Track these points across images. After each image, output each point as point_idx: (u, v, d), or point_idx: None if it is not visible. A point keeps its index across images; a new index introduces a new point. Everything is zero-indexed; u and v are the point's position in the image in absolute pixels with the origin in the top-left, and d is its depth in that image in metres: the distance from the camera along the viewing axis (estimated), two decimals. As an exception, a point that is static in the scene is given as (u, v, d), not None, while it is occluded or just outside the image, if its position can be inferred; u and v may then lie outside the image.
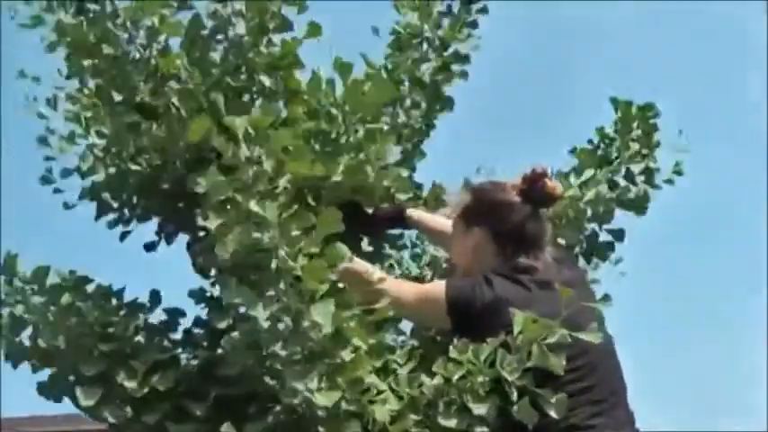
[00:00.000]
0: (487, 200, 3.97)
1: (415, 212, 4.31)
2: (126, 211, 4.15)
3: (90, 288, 3.71)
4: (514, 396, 3.35)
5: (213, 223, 3.14)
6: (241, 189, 3.10)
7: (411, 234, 4.73)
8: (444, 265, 4.61)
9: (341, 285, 3.27)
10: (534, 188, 3.89)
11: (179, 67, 3.73)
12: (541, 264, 3.81)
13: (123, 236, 4.18)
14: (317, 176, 3.66)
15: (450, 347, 3.42)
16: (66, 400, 3.67)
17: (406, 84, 4.49)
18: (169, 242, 4.15)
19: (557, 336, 3.34)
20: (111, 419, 3.55)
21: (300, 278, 3.15)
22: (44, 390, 3.67)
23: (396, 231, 4.52)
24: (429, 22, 4.53)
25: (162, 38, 3.73)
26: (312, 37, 3.86)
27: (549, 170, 3.99)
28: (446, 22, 4.59)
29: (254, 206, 3.06)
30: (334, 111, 3.89)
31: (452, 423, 3.34)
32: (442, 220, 4.29)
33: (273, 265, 3.12)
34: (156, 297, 3.85)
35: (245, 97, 3.84)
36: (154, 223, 4.22)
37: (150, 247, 4.21)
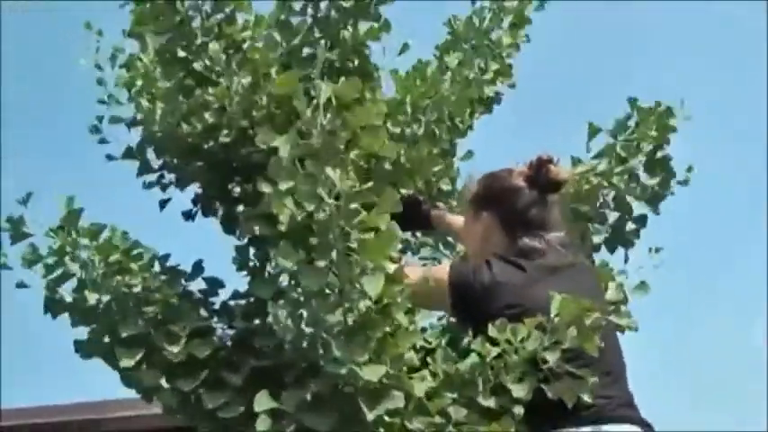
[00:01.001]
0: (495, 186, 4.04)
1: (439, 214, 4.44)
2: (166, 173, 4.17)
3: (137, 250, 3.72)
4: (549, 376, 3.37)
5: (281, 185, 3.13)
6: (312, 154, 3.09)
7: None
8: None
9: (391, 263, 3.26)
10: (539, 174, 3.95)
11: (245, 38, 3.78)
12: (545, 247, 3.86)
13: (162, 204, 4.20)
14: (380, 156, 3.69)
15: (489, 326, 3.43)
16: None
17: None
18: (206, 213, 4.14)
19: (592, 318, 3.36)
20: (146, 383, 3.55)
21: (354, 250, 3.15)
22: (81, 347, 3.67)
23: None
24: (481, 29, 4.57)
25: (229, 9, 3.76)
26: (382, 32, 3.96)
27: (555, 157, 4.04)
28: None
29: (330, 172, 3.05)
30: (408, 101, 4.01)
31: (491, 402, 3.35)
32: (460, 220, 4.37)
33: (330, 235, 3.10)
34: (198, 266, 3.85)
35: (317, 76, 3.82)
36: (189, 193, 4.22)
37: (188, 215, 4.20)
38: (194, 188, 4.14)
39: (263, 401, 3.27)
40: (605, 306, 3.69)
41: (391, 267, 3.21)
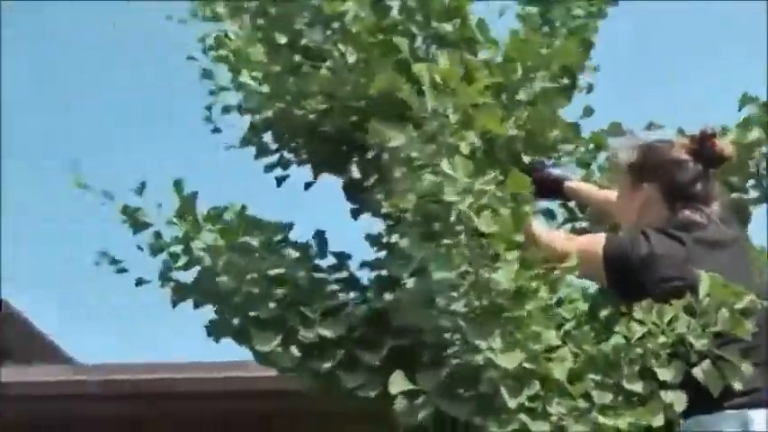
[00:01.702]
0: (659, 157, 3.95)
1: (574, 184, 4.35)
2: (284, 153, 4.12)
3: (261, 230, 3.71)
4: (696, 360, 3.26)
5: (396, 173, 3.12)
6: (426, 142, 3.05)
7: None
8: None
9: (524, 244, 3.20)
10: (704, 148, 3.88)
11: (346, 10, 3.69)
12: (706, 221, 3.77)
13: (279, 181, 4.17)
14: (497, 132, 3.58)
15: (634, 307, 3.32)
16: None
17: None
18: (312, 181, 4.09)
19: (745, 301, 3.22)
20: (282, 365, 3.53)
21: (484, 235, 3.08)
22: (214, 329, 3.67)
23: None
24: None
25: None
26: None
27: (717, 131, 3.98)
28: None
29: (445, 166, 3.01)
30: (511, 64, 3.85)
31: (637, 387, 3.24)
32: (601, 191, 4.32)
33: (453, 218, 3.05)
34: (323, 240, 3.84)
35: (420, 43, 3.79)
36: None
37: (308, 186, 4.15)
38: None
39: (398, 382, 3.23)
40: (762, 288, 3.52)
41: (527, 250, 3.14)
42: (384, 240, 3.80)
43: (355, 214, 4.07)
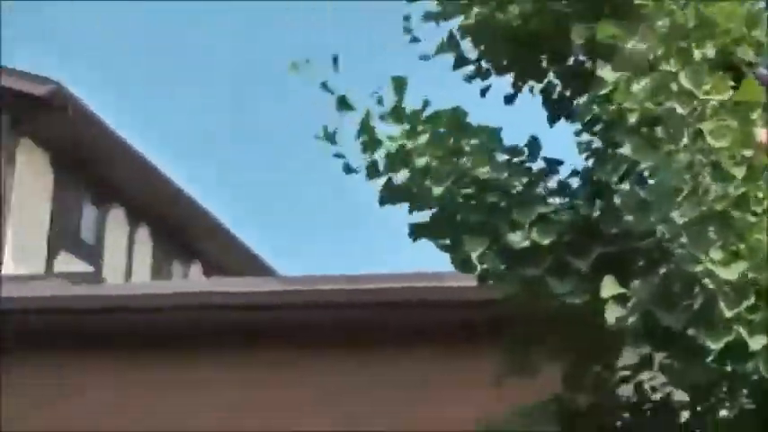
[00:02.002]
0: None
1: None
2: (483, 63, 4.18)
3: (474, 135, 3.74)
4: None
5: (628, 79, 3.07)
6: (654, 45, 3.03)
7: None
8: None
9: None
10: None
11: None
12: None
13: (483, 91, 4.24)
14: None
15: None
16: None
17: None
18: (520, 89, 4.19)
19: None
20: (490, 269, 3.59)
21: (709, 144, 3.06)
22: (418, 230, 3.77)
23: None
24: None
25: None
26: None
27: None
28: None
29: (674, 70, 2.98)
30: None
31: None
32: None
33: (678, 124, 3.02)
34: (535, 145, 3.85)
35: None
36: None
37: (509, 99, 4.23)
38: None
39: (609, 287, 3.23)
40: None
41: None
42: (594, 146, 3.79)
43: (552, 122, 4.10)
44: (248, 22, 24.81)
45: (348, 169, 3.77)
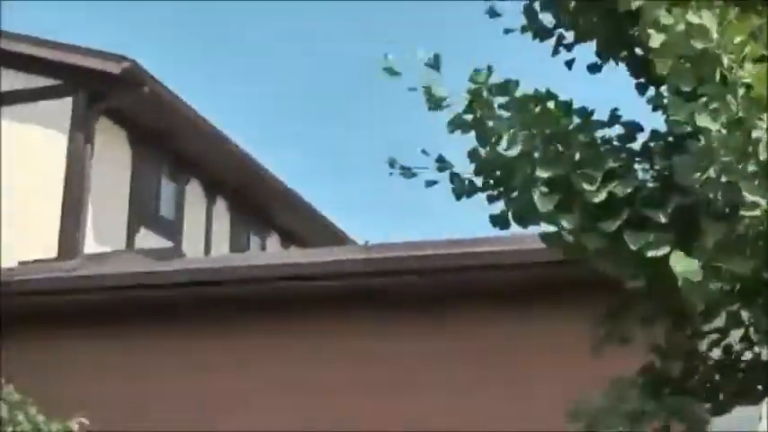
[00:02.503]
0: None
1: None
2: (563, 32, 4.19)
3: (551, 104, 3.73)
4: None
5: (654, 40, 3.08)
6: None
7: None
8: None
9: None
10: None
11: None
12: None
13: (569, 64, 4.23)
14: None
15: None
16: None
17: None
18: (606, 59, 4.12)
19: None
20: (566, 225, 3.59)
21: (750, 86, 3.03)
22: (497, 221, 3.82)
23: None
24: None
25: None
26: None
27: None
28: None
29: (691, 17, 2.97)
30: None
31: None
32: None
33: (718, 75, 3.02)
34: (614, 115, 3.85)
35: None
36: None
37: (594, 68, 4.22)
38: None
39: (679, 260, 3.26)
40: None
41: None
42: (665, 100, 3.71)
43: (642, 90, 4.05)
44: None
45: (430, 183, 3.91)
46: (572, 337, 7.63)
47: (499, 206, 3.81)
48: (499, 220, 3.82)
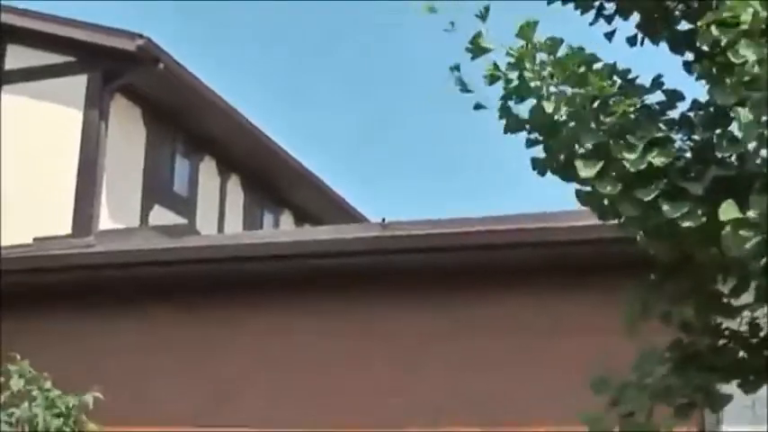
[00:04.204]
0: None
1: None
2: (604, 3, 4.15)
3: (597, 65, 3.72)
4: None
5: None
6: None
7: None
8: None
9: None
10: None
11: None
12: None
13: (610, 35, 4.19)
14: None
15: None
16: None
17: None
18: (652, 38, 4.08)
19: None
20: (605, 193, 3.58)
21: None
22: (539, 163, 3.79)
23: None
24: None
25: None
26: None
27: None
28: None
29: None
30: None
31: None
32: None
33: None
34: (657, 80, 3.83)
35: None
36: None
37: (633, 41, 4.20)
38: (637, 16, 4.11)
39: (728, 210, 3.22)
40: None
41: None
42: (710, 71, 3.70)
43: (687, 67, 4.01)
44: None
45: (478, 106, 3.84)
46: (590, 318, 7.80)
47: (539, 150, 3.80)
48: (539, 165, 3.82)
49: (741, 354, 4.14)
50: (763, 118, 3.21)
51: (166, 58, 12.99)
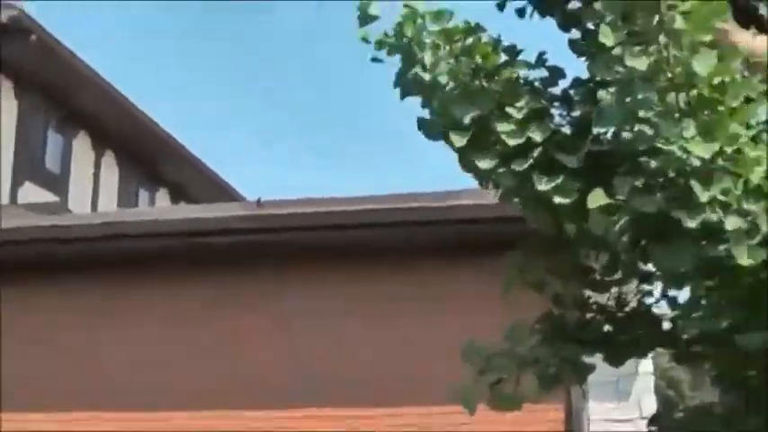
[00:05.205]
0: None
1: None
2: None
3: (483, 37, 3.78)
4: None
5: None
6: None
7: None
8: None
9: (724, 40, 3.27)
10: None
11: None
12: None
13: (501, 5, 4.31)
14: None
15: None
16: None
17: None
18: (543, 13, 4.19)
19: None
20: (481, 165, 3.64)
21: (682, 32, 3.13)
22: (423, 125, 3.84)
23: None
24: None
25: None
26: None
27: None
28: None
29: None
30: None
31: None
32: None
33: (656, 17, 3.11)
34: (541, 58, 3.90)
35: None
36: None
37: (521, 13, 4.32)
38: None
39: (597, 197, 3.32)
40: None
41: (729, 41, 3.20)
42: (589, 47, 3.83)
43: (572, 46, 4.08)
44: None
45: (375, 59, 3.87)
46: (473, 297, 7.95)
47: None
48: (425, 127, 3.86)
49: (607, 328, 4.27)
50: (627, 99, 3.32)
51: (39, 30, 12.69)
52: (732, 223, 3.20)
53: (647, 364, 12.32)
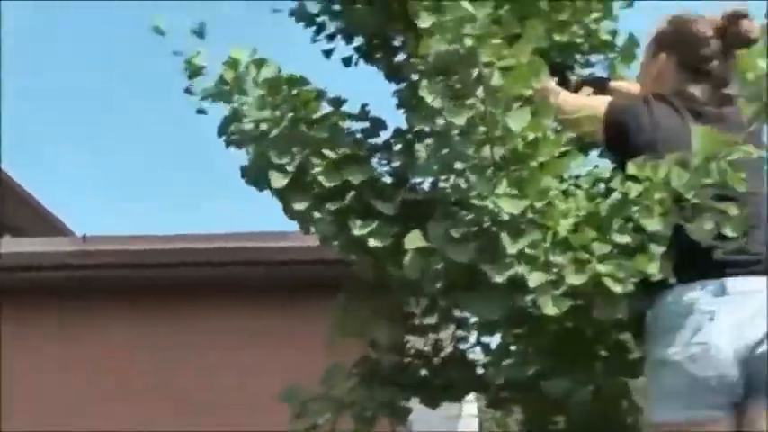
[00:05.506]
0: (682, 29, 3.92)
1: (618, 84, 4.29)
2: (328, 21, 4.25)
3: (307, 88, 3.82)
4: (690, 215, 3.30)
5: (424, 21, 3.19)
6: None
7: None
8: None
9: (539, 97, 3.35)
10: (731, 27, 3.83)
11: None
12: (707, 97, 3.81)
13: (328, 53, 4.31)
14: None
15: (629, 165, 3.40)
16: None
17: None
18: (369, 61, 4.25)
19: (738, 153, 3.22)
20: (296, 207, 3.69)
21: (499, 88, 3.21)
22: (245, 172, 3.86)
23: None
24: None
25: None
26: None
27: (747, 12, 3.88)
28: None
29: (465, 4, 3.12)
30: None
31: (626, 239, 3.33)
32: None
33: (475, 71, 3.17)
34: (363, 110, 3.98)
35: None
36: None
37: (348, 62, 4.32)
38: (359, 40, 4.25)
39: (414, 239, 3.39)
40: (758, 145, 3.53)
41: (542, 98, 3.28)
42: (409, 99, 3.86)
43: (398, 97, 4.14)
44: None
45: (201, 111, 3.93)
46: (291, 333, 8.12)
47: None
48: (245, 174, 3.91)
49: (424, 372, 4.34)
50: (444, 151, 3.40)
51: None
52: (535, 279, 3.28)
53: (470, 407, 12.58)
